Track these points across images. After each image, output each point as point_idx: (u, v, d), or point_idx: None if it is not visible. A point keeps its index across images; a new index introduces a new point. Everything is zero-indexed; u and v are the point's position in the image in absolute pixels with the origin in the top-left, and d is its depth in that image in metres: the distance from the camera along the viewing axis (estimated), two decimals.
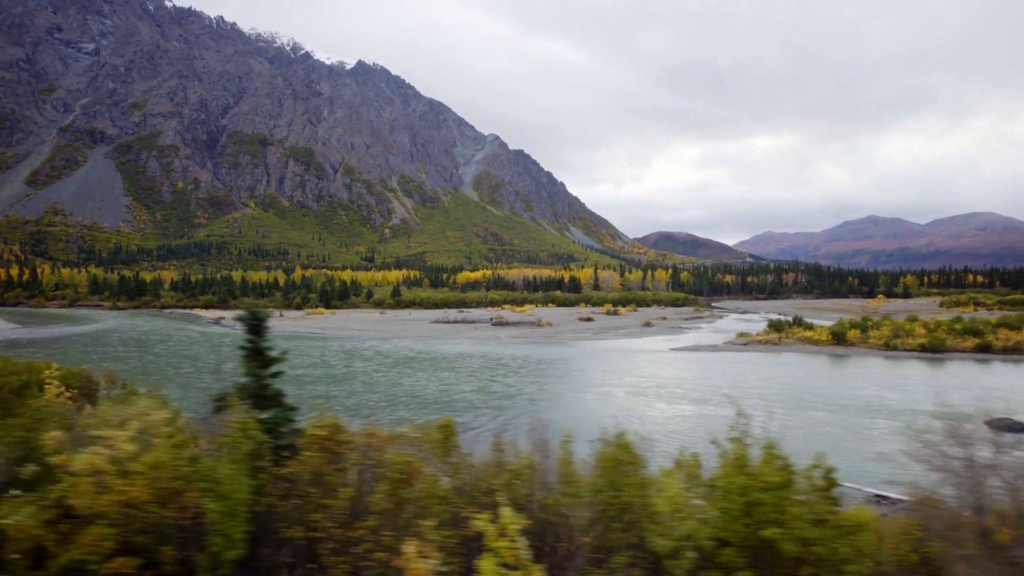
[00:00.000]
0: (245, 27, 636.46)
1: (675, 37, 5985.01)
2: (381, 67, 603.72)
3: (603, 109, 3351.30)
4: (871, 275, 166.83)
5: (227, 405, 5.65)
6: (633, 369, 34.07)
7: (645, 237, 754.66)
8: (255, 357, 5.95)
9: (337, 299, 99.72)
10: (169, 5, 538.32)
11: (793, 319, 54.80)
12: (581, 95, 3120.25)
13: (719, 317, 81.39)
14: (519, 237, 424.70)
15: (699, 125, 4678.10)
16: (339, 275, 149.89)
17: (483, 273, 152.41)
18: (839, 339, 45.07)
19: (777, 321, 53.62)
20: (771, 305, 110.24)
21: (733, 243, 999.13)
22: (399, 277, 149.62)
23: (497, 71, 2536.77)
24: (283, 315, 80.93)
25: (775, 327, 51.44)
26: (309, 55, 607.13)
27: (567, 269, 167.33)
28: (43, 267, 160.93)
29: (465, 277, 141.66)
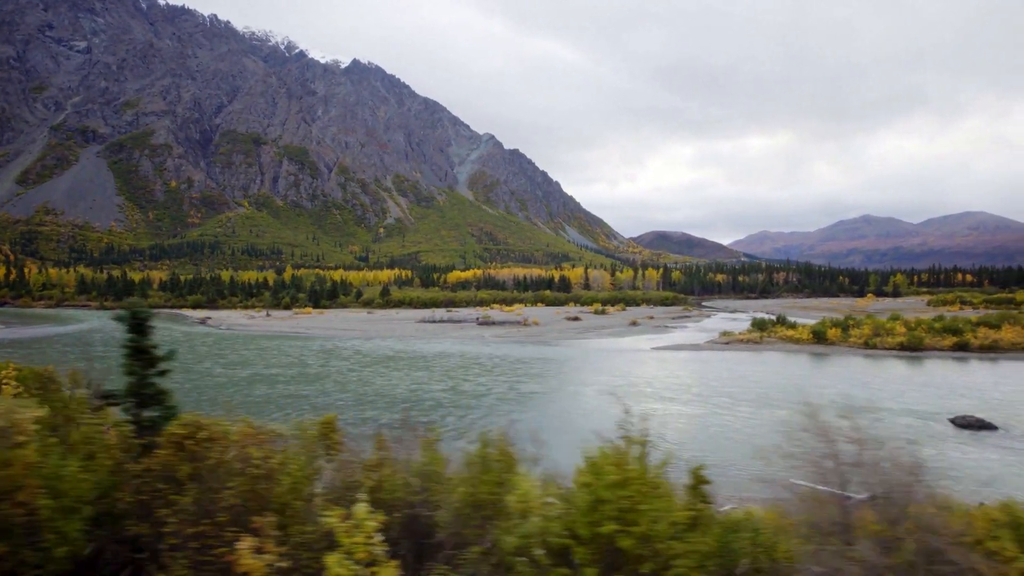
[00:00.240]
0: (239, 25, 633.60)
1: (669, 37, 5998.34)
2: (376, 66, 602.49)
3: (598, 108, 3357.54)
4: (861, 274, 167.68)
5: (112, 404, 5.64)
6: (610, 368, 34.04)
7: (640, 237, 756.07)
8: (138, 356, 5.89)
9: (326, 299, 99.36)
10: (162, 3, 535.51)
11: (776, 318, 54.92)
12: (576, 94, 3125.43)
13: (707, 316, 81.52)
14: (514, 237, 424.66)
15: (693, 125, 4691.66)
16: (330, 275, 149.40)
17: (474, 273, 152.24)
18: (820, 338, 45.19)
19: (760, 320, 53.71)
20: (761, 304, 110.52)
21: (728, 242, 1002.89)
22: (390, 277, 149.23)
23: (492, 70, 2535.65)
24: (270, 315, 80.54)
25: (758, 326, 51.54)
26: (303, 54, 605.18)
27: (558, 269, 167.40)
28: (30, 267, 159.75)
29: (456, 277, 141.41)
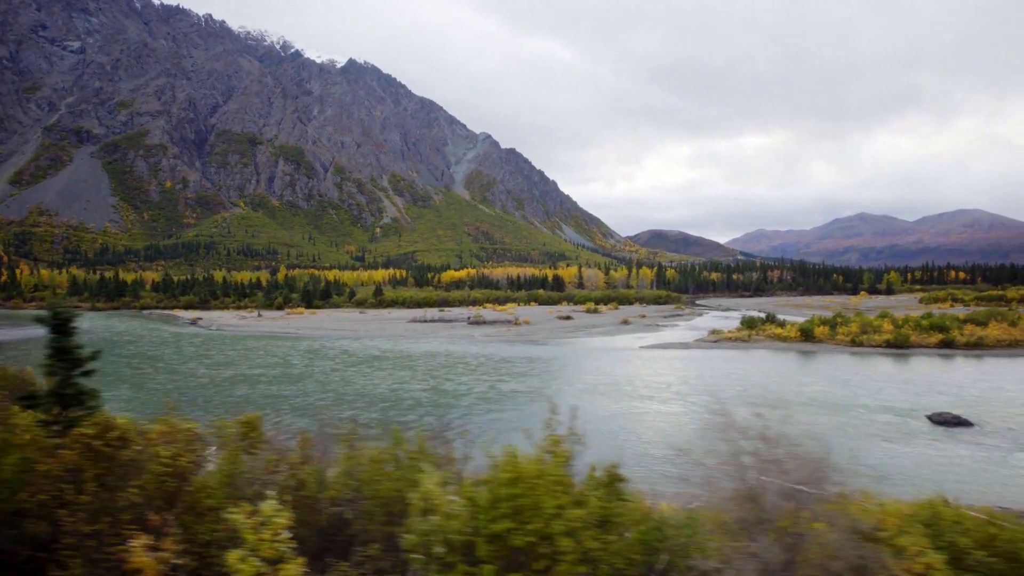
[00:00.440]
0: (234, 25, 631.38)
1: (666, 36, 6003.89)
2: (372, 66, 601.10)
3: (594, 108, 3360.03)
4: (856, 272, 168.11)
5: (31, 405, 5.62)
6: (595, 367, 34.01)
7: (637, 235, 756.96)
8: (61, 357, 5.85)
9: (319, 299, 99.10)
10: (156, 3, 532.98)
11: (766, 316, 54.92)
12: (572, 94, 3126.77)
13: (699, 315, 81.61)
14: (510, 236, 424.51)
15: (690, 124, 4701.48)
16: (324, 275, 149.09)
17: (468, 272, 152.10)
18: (807, 336, 45.21)
19: (750, 319, 53.65)
20: (754, 303, 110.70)
21: (725, 241, 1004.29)
22: (385, 276, 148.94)
23: (488, 70, 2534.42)
24: (262, 315, 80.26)
25: (747, 324, 51.54)
26: (299, 53, 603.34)
27: (552, 268, 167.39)
28: (23, 268, 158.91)
29: (450, 276, 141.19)
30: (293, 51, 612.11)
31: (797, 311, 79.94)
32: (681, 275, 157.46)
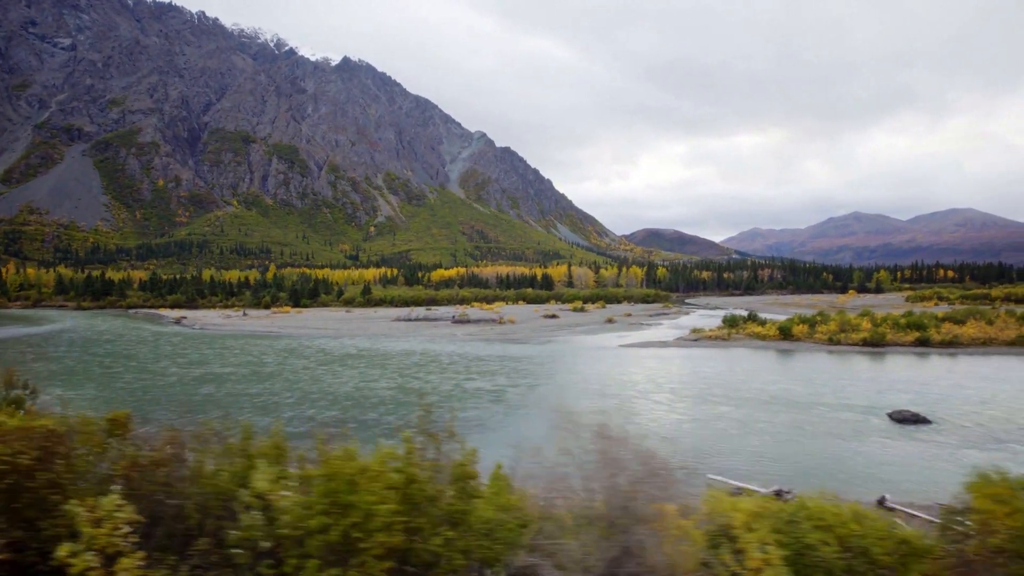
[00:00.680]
0: (227, 22, 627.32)
1: (661, 35, 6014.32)
2: (367, 64, 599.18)
3: (590, 106, 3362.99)
4: (846, 271, 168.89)
5: None
6: (567, 366, 33.95)
7: (633, 234, 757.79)
8: None
9: (307, 298, 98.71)
10: (149, 0, 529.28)
11: (748, 315, 55.01)
12: (568, 92, 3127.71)
13: (685, 313, 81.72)
14: (505, 235, 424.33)
15: (685, 123, 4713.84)
16: (315, 273, 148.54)
17: (457, 271, 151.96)
18: (786, 334, 45.30)
19: (731, 317, 53.72)
20: (743, 301, 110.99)
21: (720, 240, 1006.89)
22: (375, 275, 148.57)
23: (484, 68, 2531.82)
24: (247, 314, 79.91)
25: (729, 323, 51.59)
26: (293, 51, 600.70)
27: (542, 267, 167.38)
28: (8, 267, 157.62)
29: (439, 275, 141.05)
30: (287, 49, 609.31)
31: (783, 309, 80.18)
32: (672, 274, 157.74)
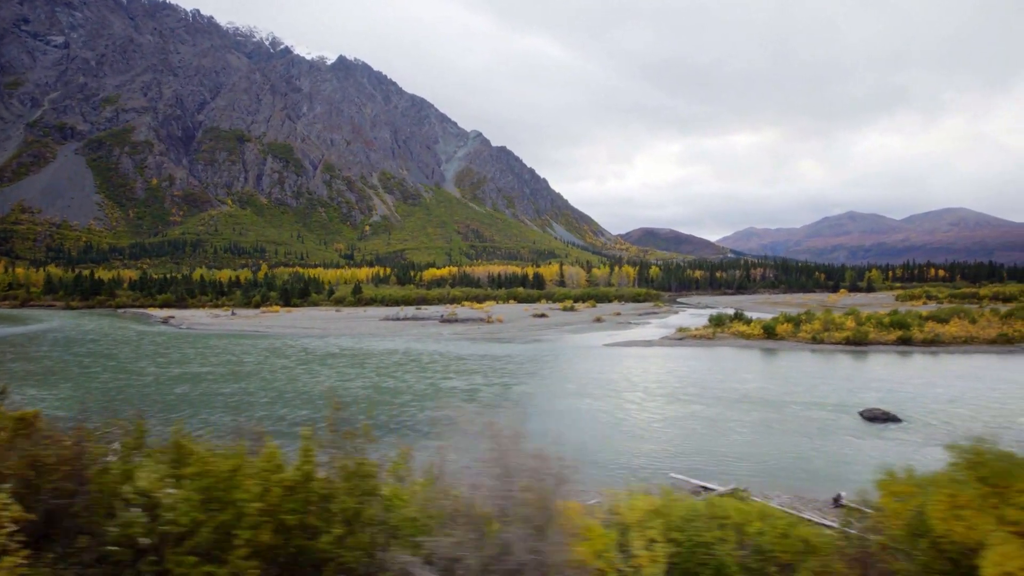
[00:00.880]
0: (222, 21, 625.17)
1: (657, 34, 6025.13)
2: (362, 63, 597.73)
3: (585, 106, 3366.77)
4: (838, 270, 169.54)
5: None
6: (546, 365, 33.88)
7: (628, 233, 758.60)
8: None
9: (297, 297, 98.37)
10: None
11: (734, 314, 55.11)
12: (563, 91, 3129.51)
13: (675, 312, 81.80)
14: (500, 234, 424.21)
15: (681, 122, 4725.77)
16: (308, 273, 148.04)
17: (449, 270, 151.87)
18: (770, 333, 45.37)
19: (718, 316, 53.80)
20: (734, 300, 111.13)
21: (715, 239, 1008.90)
22: (368, 274, 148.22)
23: (479, 67, 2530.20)
24: (235, 314, 79.62)
25: (715, 322, 51.66)
26: (289, 50, 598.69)
27: (535, 266, 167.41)
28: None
29: (431, 274, 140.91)
30: (282, 47, 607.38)
31: (773, 308, 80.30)
32: (665, 273, 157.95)
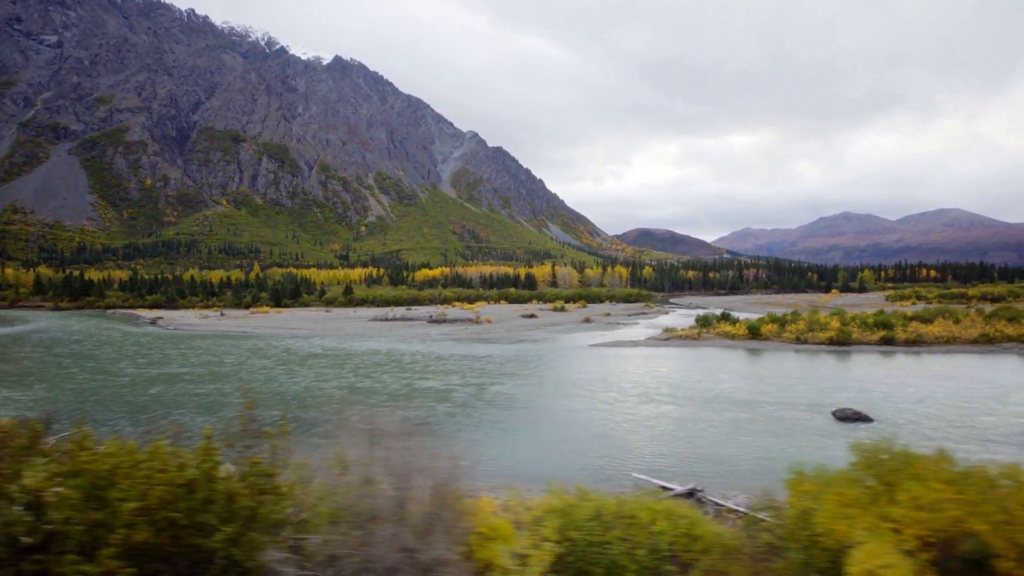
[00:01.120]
0: (217, 20, 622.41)
1: (655, 34, 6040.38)
2: (358, 63, 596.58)
3: (583, 106, 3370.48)
4: (830, 270, 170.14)
5: None
6: (528, 366, 33.80)
7: (625, 234, 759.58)
8: None
9: (288, 298, 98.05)
10: None
11: (721, 314, 55.19)
12: (560, 92, 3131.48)
13: (665, 313, 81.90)
14: (496, 234, 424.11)
15: (678, 122, 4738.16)
16: (302, 273, 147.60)
17: (442, 271, 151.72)
18: (755, 333, 45.43)
19: (704, 316, 53.85)
20: (726, 300, 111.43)
21: (712, 239, 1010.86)
22: (361, 275, 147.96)
23: (476, 67, 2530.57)
24: (224, 314, 79.30)
25: (702, 322, 51.72)
26: (284, 50, 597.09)
27: (527, 266, 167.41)
28: None
29: (423, 275, 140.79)
30: (278, 47, 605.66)
31: (763, 309, 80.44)
32: (658, 273, 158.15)
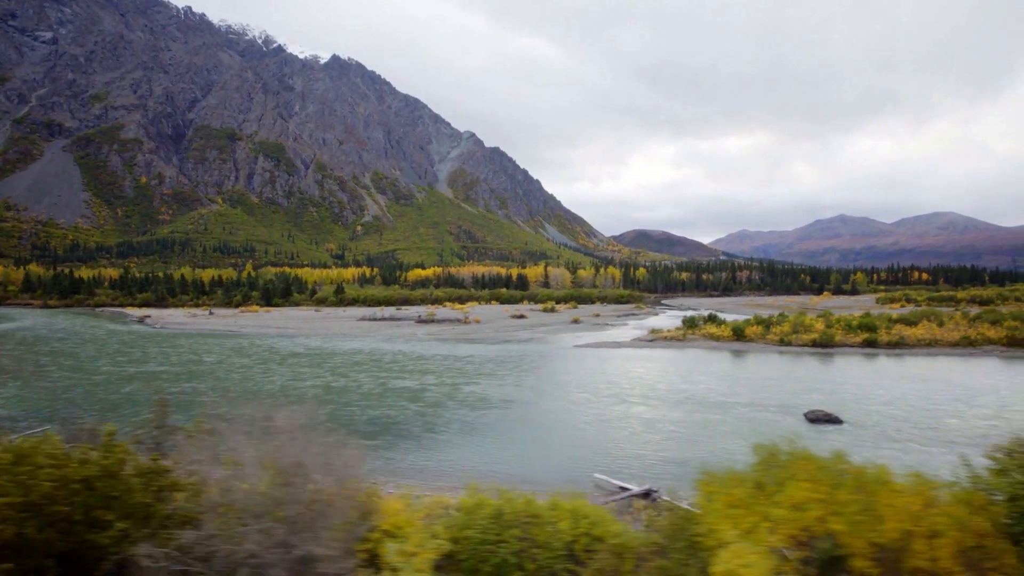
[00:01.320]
0: (215, 18, 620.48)
1: (652, 35, 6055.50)
2: (356, 62, 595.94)
3: (580, 106, 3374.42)
4: (823, 272, 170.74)
5: None
6: (506, 367, 33.74)
7: (621, 235, 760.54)
8: None
9: (279, 297, 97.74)
10: None
11: (708, 315, 55.29)
12: (558, 92, 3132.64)
13: (655, 314, 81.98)
14: (493, 235, 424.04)
15: (675, 124, 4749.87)
16: (295, 272, 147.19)
17: (434, 271, 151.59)
18: (739, 335, 45.52)
19: (691, 318, 53.93)
20: (718, 302, 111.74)
21: (708, 241, 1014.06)
22: (354, 274, 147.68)
23: (474, 67, 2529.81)
24: (213, 313, 78.99)
25: (688, 324, 51.81)
26: (282, 48, 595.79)
27: (520, 267, 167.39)
28: None
29: (416, 275, 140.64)
30: (275, 46, 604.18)
31: (753, 310, 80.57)
32: (651, 275, 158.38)
